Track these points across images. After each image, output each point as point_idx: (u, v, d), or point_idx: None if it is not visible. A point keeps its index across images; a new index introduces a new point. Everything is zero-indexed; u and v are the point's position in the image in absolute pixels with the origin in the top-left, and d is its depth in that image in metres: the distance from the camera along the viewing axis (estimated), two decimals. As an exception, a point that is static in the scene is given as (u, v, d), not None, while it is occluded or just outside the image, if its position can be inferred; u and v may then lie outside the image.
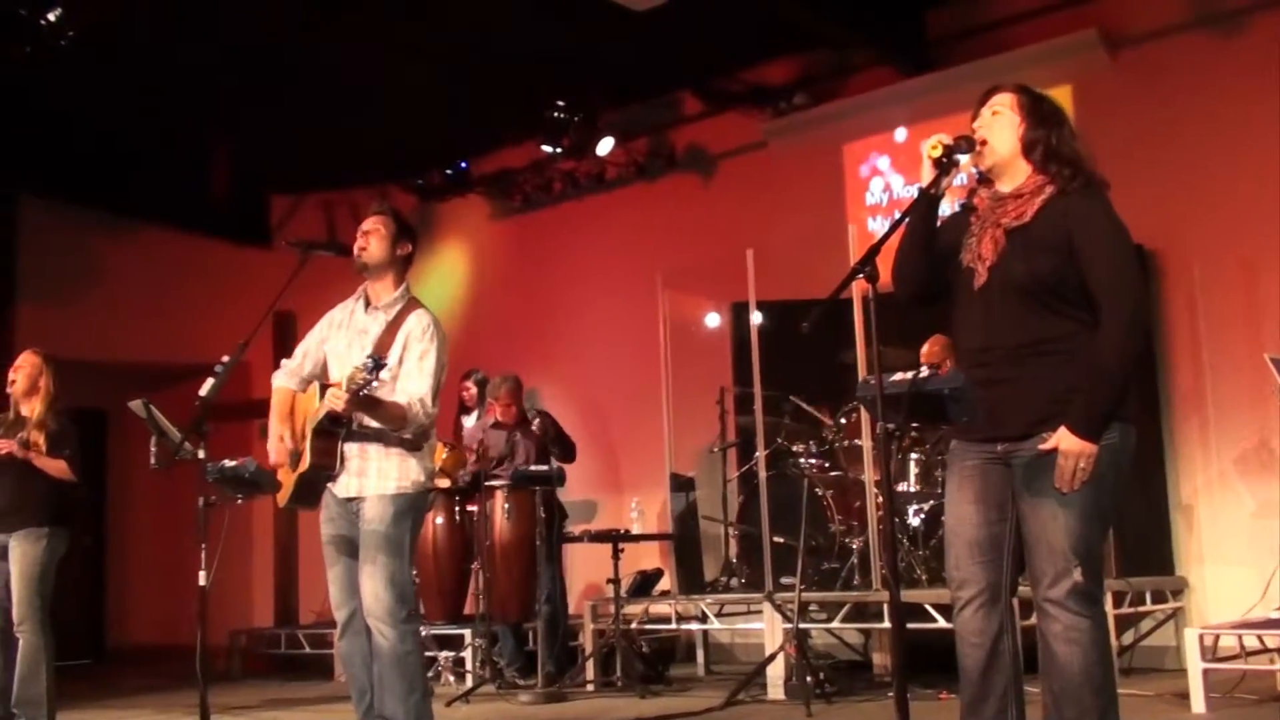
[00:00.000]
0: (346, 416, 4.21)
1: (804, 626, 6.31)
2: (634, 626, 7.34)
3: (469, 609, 8.05)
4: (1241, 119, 7.07)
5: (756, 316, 7.05)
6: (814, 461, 7.13)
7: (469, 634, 7.60)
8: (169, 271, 10.99)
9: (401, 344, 4.30)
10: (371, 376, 3.97)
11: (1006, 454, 3.15)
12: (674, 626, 7.69)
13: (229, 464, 5.60)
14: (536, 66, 8.52)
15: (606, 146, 9.33)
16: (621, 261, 9.53)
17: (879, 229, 8.34)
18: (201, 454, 5.08)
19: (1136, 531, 6.75)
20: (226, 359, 4.59)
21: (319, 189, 11.15)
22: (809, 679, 5.85)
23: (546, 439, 7.78)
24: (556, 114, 9.09)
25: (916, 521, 6.63)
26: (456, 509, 7.98)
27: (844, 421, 7.10)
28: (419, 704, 4.19)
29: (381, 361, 4.02)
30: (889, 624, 5.90)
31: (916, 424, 6.08)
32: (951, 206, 3.56)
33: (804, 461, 7.12)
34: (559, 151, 9.39)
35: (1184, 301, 7.27)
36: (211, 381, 4.59)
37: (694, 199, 9.50)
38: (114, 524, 12.02)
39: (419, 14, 7.84)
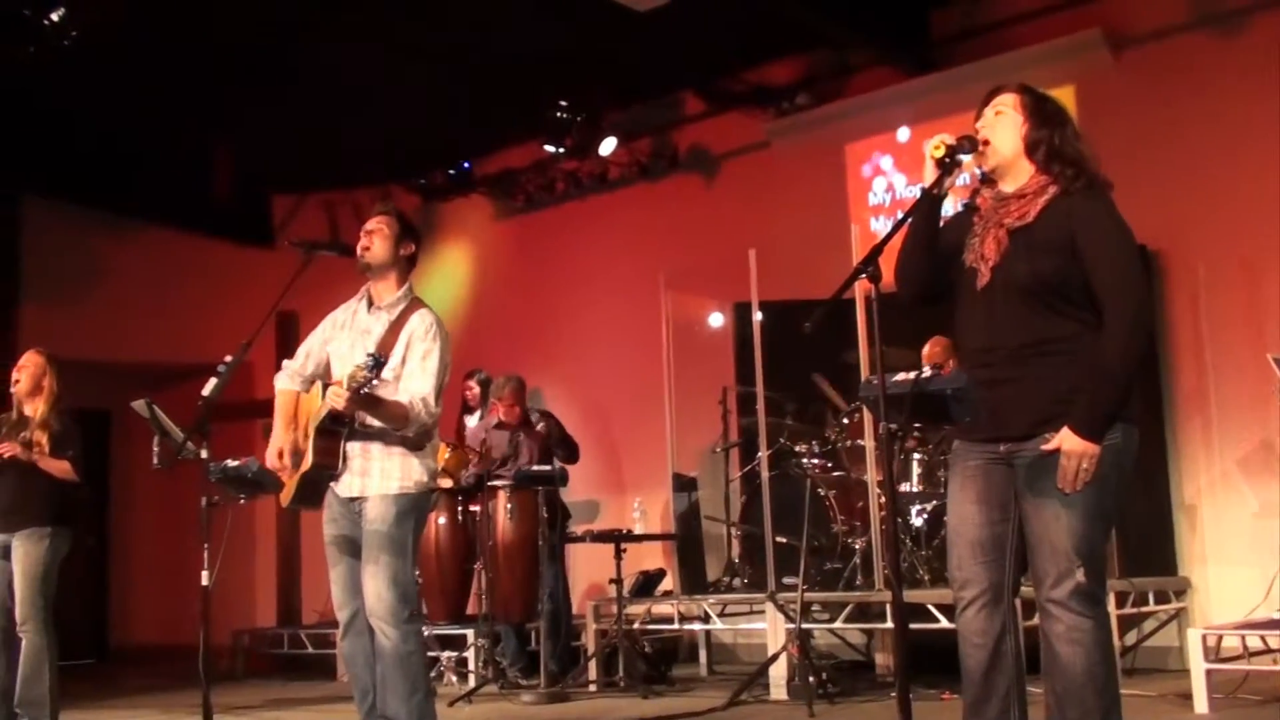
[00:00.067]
0: (348, 415, 4.20)
1: (806, 627, 6.30)
2: (636, 627, 7.34)
3: (471, 609, 8.04)
4: (1244, 119, 7.06)
5: (759, 316, 7.05)
6: (816, 462, 7.13)
7: (471, 634, 7.60)
8: (172, 271, 11.00)
9: (404, 343, 4.30)
10: (372, 375, 3.96)
11: (1009, 454, 3.15)
12: (676, 627, 7.68)
13: (232, 464, 5.63)
14: (539, 66, 8.52)
15: (609, 146, 9.32)
16: (624, 261, 9.53)
17: (882, 229, 8.34)
18: (204, 454, 5.09)
19: (1139, 532, 6.74)
20: (229, 359, 4.59)
21: (321, 189, 11.16)
22: (811, 679, 5.85)
23: (551, 440, 7.78)
24: (559, 114, 9.09)
25: (919, 522, 6.63)
26: (459, 509, 7.98)
27: (846, 422, 7.11)
28: (421, 704, 4.19)
29: (382, 360, 4.02)
30: (892, 624, 5.91)
31: (919, 424, 6.07)
32: (954, 206, 3.56)
33: (806, 462, 7.11)
34: (562, 151, 9.39)
35: (1187, 302, 7.26)
36: (214, 381, 4.59)
37: (696, 199, 9.50)
38: (117, 524, 12.02)
39: (421, 14, 7.84)
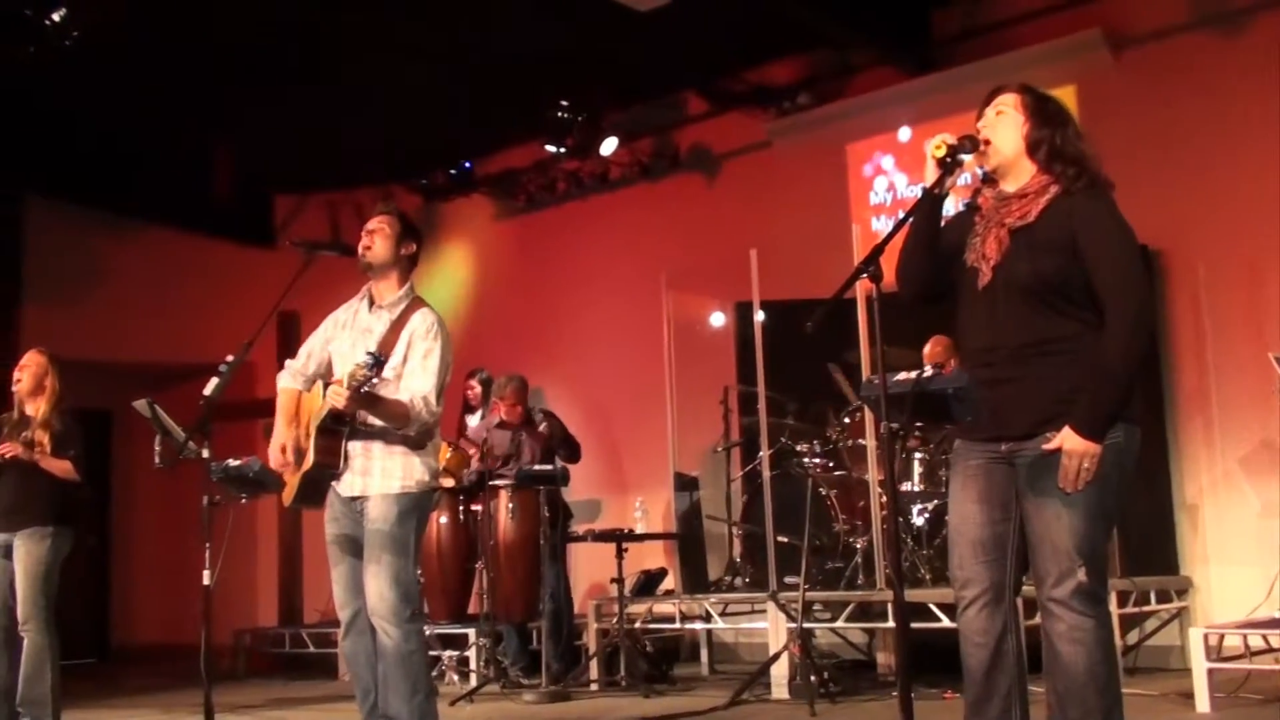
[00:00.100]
0: (349, 414, 4.21)
1: (808, 626, 6.30)
2: (638, 626, 7.34)
3: (473, 608, 8.05)
4: (1246, 119, 7.06)
5: (760, 316, 7.05)
6: (818, 461, 7.13)
7: (473, 633, 7.60)
8: (173, 271, 11.01)
9: (405, 342, 4.30)
10: (372, 374, 3.97)
11: (1010, 453, 3.15)
12: (678, 626, 7.69)
13: (233, 463, 5.63)
14: (540, 66, 8.52)
15: (610, 146, 9.33)
16: (625, 261, 9.53)
17: (883, 229, 8.34)
18: (206, 453, 5.09)
19: (1141, 531, 6.74)
20: (231, 359, 4.59)
21: (323, 189, 11.17)
22: (813, 678, 5.85)
23: (553, 439, 7.78)
24: (560, 114, 9.09)
25: (920, 521, 6.63)
26: (460, 508, 7.99)
27: (847, 421, 7.11)
28: (423, 704, 4.19)
29: (382, 359, 4.02)
30: (893, 623, 5.92)
31: (920, 424, 6.07)
32: (956, 206, 3.56)
33: (808, 461, 7.12)
34: (563, 151, 9.39)
35: (1188, 301, 7.26)
36: (216, 381, 4.59)
37: (698, 199, 9.50)
38: (118, 523, 12.03)
39: (423, 14, 7.84)
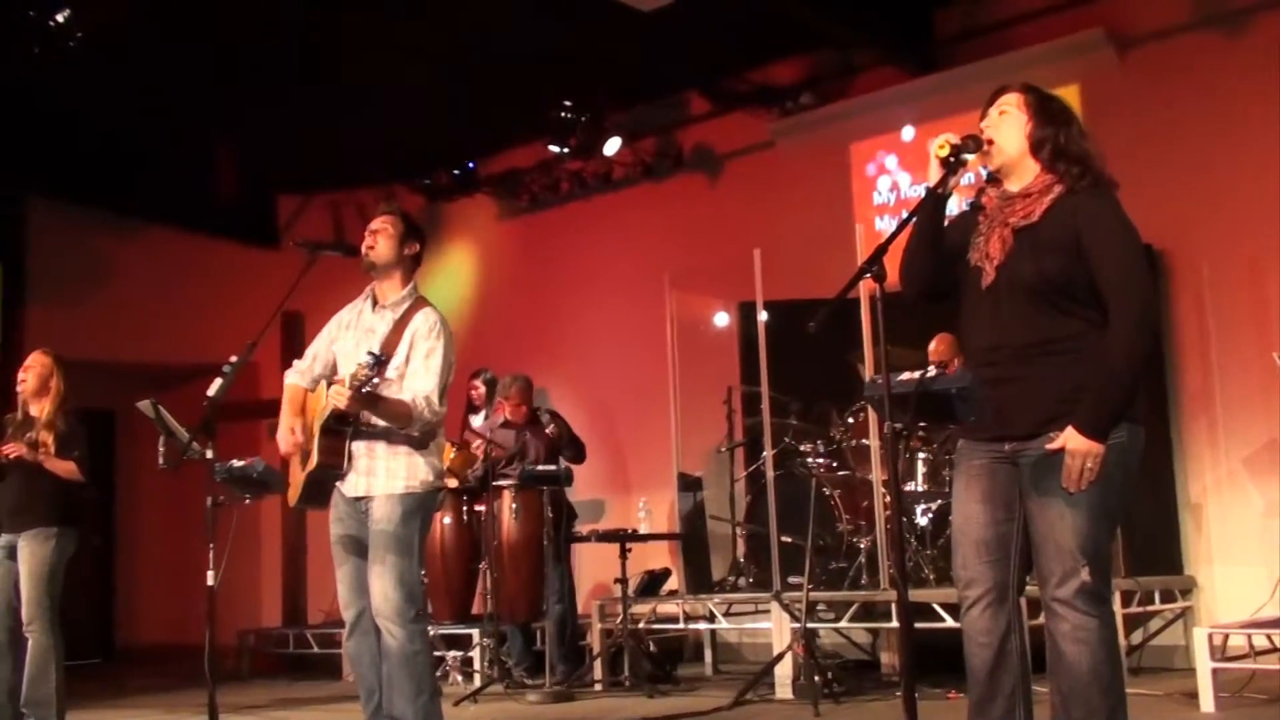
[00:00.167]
0: (351, 414, 4.21)
1: (812, 626, 6.29)
2: (642, 626, 7.34)
3: (477, 609, 8.05)
4: (1249, 118, 7.06)
5: (764, 316, 7.05)
6: (821, 461, 7.13)
7: (477, 633, 7.60)
8: (176, 272, 11.01)
9: (408, 342, 4.30)
10: (373, 373, 3.97)
11: (1014, 453, 3.15)
12: (681, 626, 7.69)
13: (237, 464, 5.62)
14: (543, 66, 8.53)
15: (613, 146, 9.33)
16: (628, 261, 9.53)
17: (886, 228, 8.33)
18: (210, 454, 5.10)
19: (1145, 531, 6.74)
20: (234, 359, 4.59)
21: (326, 189, 11.18)
22: (817, 678, 5.85)
23: (560, 440, 7.77)
24: (563, 114, 9.10)
25: (924, 521, 6.63)
26: (464, 509, 7.99)
27: (851, 421, 7.11)
28: (427, 704, 4.18)
29: (383, 358, 4.02)
30: (897, 623, 5.91)
31: (924, 423, 6.07)
32: (959, 206, 3.56)
33: (811, 461, 7.12)
34: (566, 152, 9.39)
35: (1192, 301, 7.26)
36: (219, 381, 4.60)
37: (701, 199, 9.50)
38: (122, 524, 12.03)
39: (427, 14, 7.85)
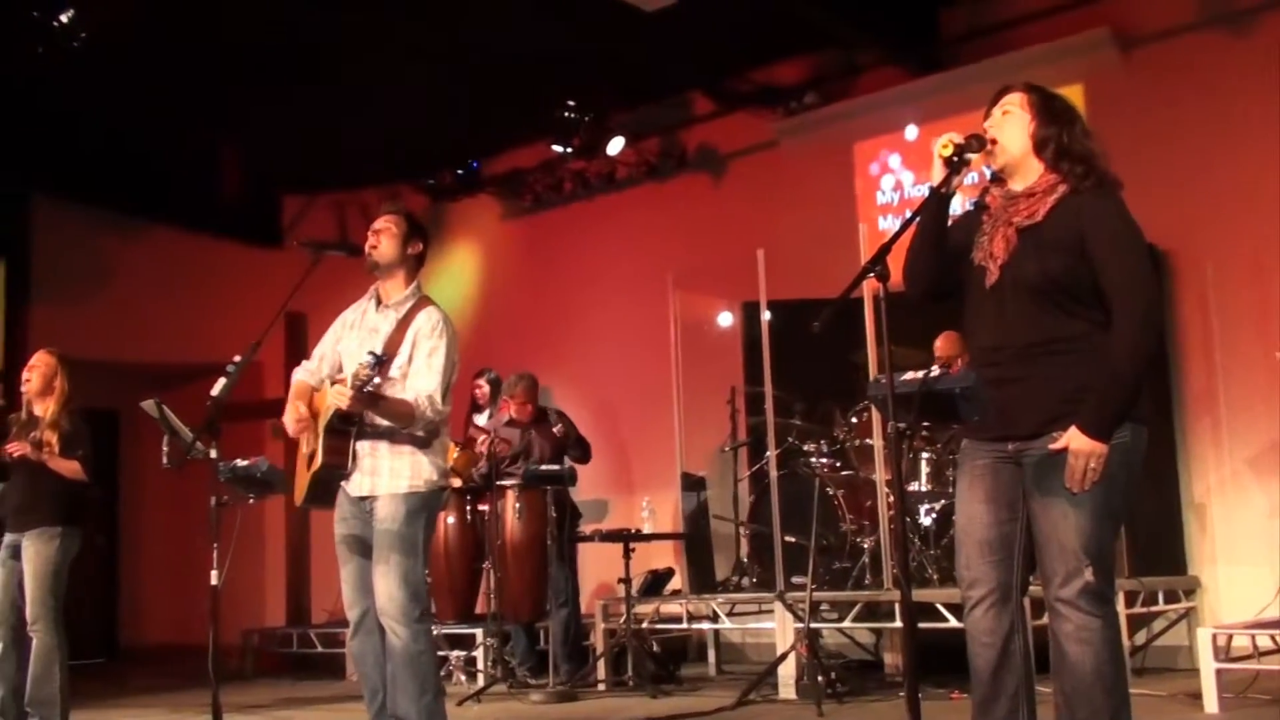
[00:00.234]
0: (354, 414, 4.21)
1: (815, 626, 6.29)
2: (645, 626, 7.34)
3: (480, 608, 8.05)
4: (1254, 117, 7.05)
5: (767, 316, 7.05)
6: (825, 461, 7.13)
7: (480, 633, 7.61)
8: (180, 271, 11.03)
9: (411, 341, 4.30)
10: (374, 373, 3.97)
11: (1017, 453, 3.14)
12: (685, 626, 7.69)
13: (241, 463, 5.63)
14: (547, 67, 8.53)
15: (617, 146, 9.34)
16: (632, 261, 9.53)
17: (890, 228, 8.33)
18: (214, 454, 5.10)
19: (1149, 531, 6.74)
20: (238, 359, 4.60)
21: (330, 189, 11.18)
22: (820, 678, 5.85)
23: (568, 440, 7.77)
24: (567, 114, 9.10)
25: (928, 521, 6.63)
26: (468, 508, 7.99)
27: (855, 421, 7.10)
28: (431, 704, 4.18)
29: (383, 358, 4.03)
30: (900, 623, 5.90)
31: (928, 423, 6.07)
32: (963, 205, 3.56)
33: (815, 461, 7.12)
34: (569, 151, 9.40)
35: (1196, 301, 7.25)
36: (223, 381, 4.60)
37: (705, 199, 9.50)
38: (126, 524, 12.05)
39: (432, 14, 7.85)
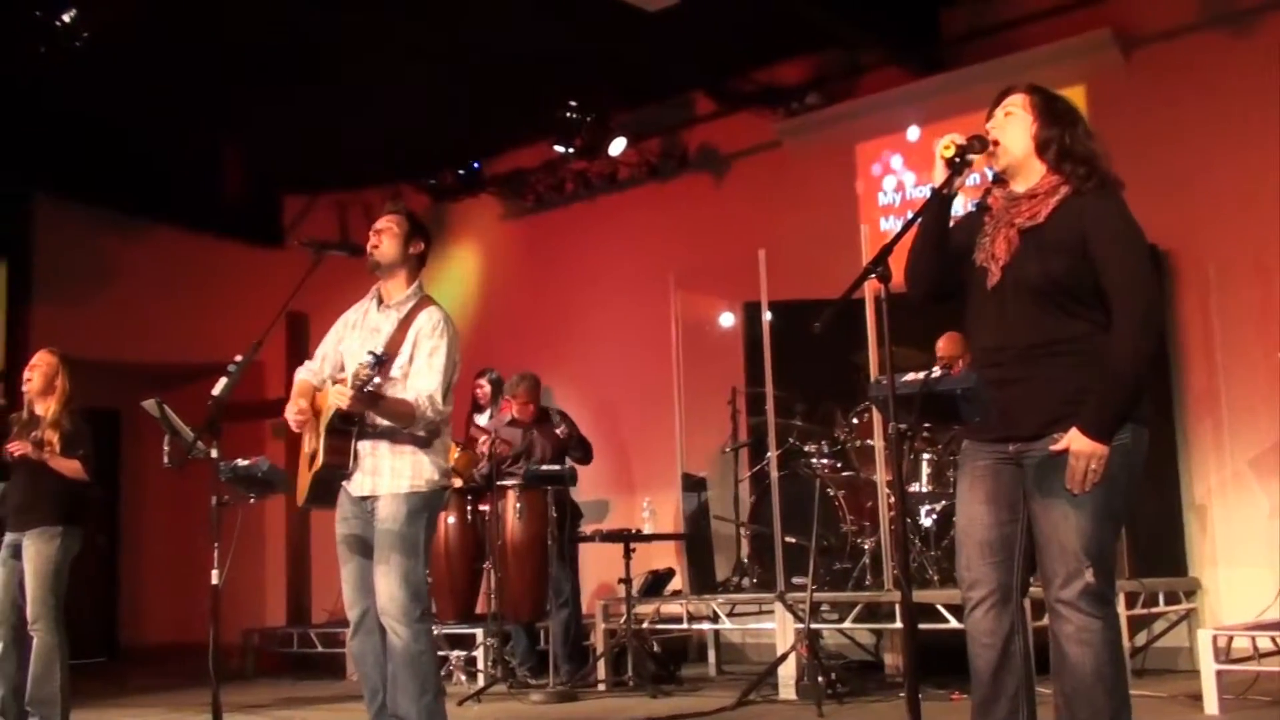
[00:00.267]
0: (355, 414, 4.21)
1: (816, 627, 6.29)
2: (645, 626, 7.34)
3: (480, 608, 8.05)
4: (1255, 118, 7.04)
5: (768, 316, 7.05)
6: (826, 461, 7.13)
7: (480, 633, 7.61)
8: (182, 271, 11.03)
9: (412, 341, 4.30)
10: (373, 372, 3.97)
11: (1018, 454, 3.14)
12: (685, 626, 7.69)
13: (242, 463, 5.63)
14: (549, 67, 8.53)
15: (619, 147, 9.33)
16: (633, 261, 9.53)
17: (892, 229, 8.33)
18: (214, 453, 5.10)
19: (1149, 532, 6.73)
20: (239, 359, 4.60)
21: (331, 189, 11.18)
22: (820, 679, 5.85)
23: (570, 441, 7.77)
24: (569, 114, 9.09)
25: (929, 522, 6.62)
26: (468, 508, 7.99)
27: (856, 422, 7.10)
28: (432, 704, 4.18)
29: (383, 357, 4.03)
30: (901, 624, 5.90)
31: (929, 424, 6.07)
32: (965, 206, 3.55)
33: (816, 462, 7.12)
34: (571, 152, 9.39)
35: (1197, 302, 7.25)
36: (224, 381, 4.60)
37: (706, 199, 9.50)
38: (127, 523, 12.04)
39: (434, 14, 7.85)
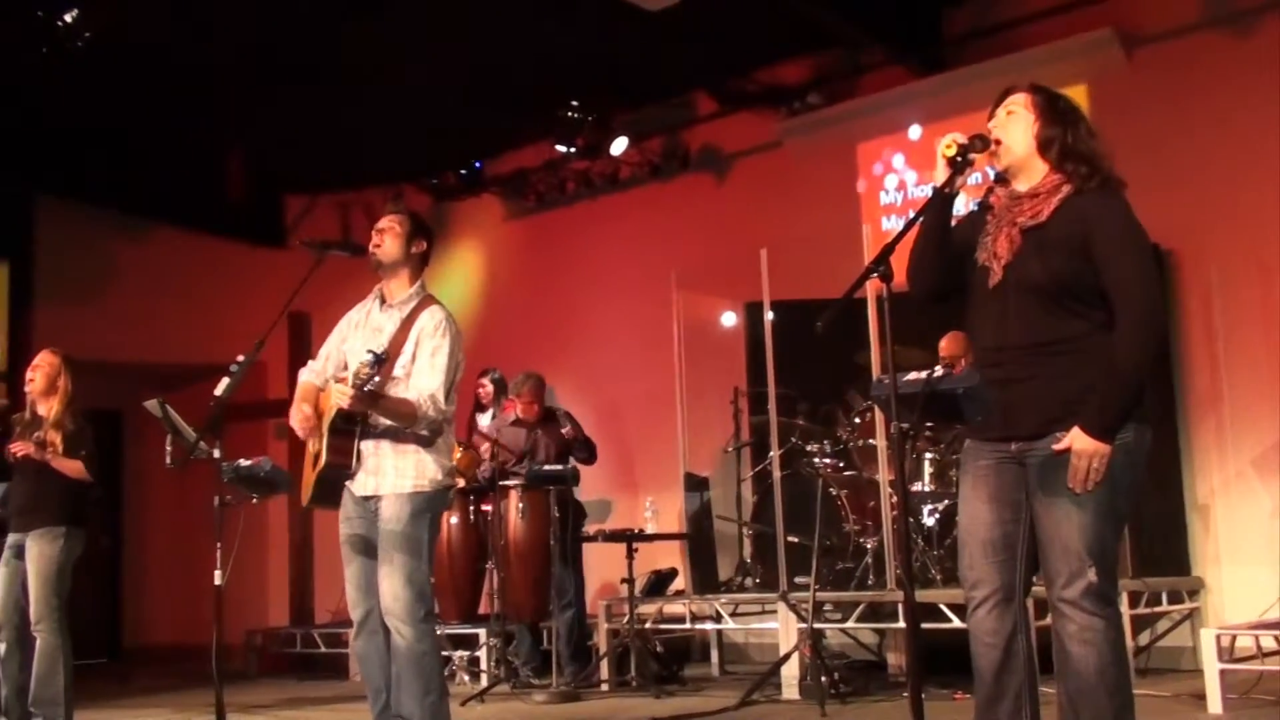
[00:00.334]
0: (356, 413, 4.21)
1: (818, 626, 6.30)
2: (648, 626, 7.34)
3: (483, 608, 8.06)
4: (1258, 117, 7.03)
5: (770, 316, 7.05)
6: (828, 461, 7.13)
7: (484, 633, 7.61)
8: (184, 272, 11.03)
9: (414, 340, 4.30)
10: (374, 372, 3.97)
11: (1020, 453, 3.14)
12: (688, 626, 7.69)
13: (245, 463, 5.64)
14: (550, 67, 8.53)
15: (620, 146, 9.34)
16: (635, 261, 9.53)
17: (893, 228, 8.32)
18: (217, 453, 5.11)
19: (1153, 531, 6.73)
20: (241, 359, 4.60)
21: (333, 189, 11.18)
22: (823, 679, 5.85)
23: (575, 442, 7.76)
24: (570, 114, 9.10)
25: (931, 521, 6.62)
26: (471, 508, 7.99)
27: (858, 421, 7.10)
28: (435, 704, 4.18)
29: (383, 357, 4.03)
30: (904, 624, 5.89)
31: (931, 424, 6.06)
32: (967, 206, 3.55)
33: (818, 461, 7.11)
34: (573, 151, 9.40)
35: (1200, 301, 7.24)
36: (226, 381, 4.60)
37: (708, 199, 9.50)
38: (130, 524, 12.06)
39: (436, 14, 7.84)
